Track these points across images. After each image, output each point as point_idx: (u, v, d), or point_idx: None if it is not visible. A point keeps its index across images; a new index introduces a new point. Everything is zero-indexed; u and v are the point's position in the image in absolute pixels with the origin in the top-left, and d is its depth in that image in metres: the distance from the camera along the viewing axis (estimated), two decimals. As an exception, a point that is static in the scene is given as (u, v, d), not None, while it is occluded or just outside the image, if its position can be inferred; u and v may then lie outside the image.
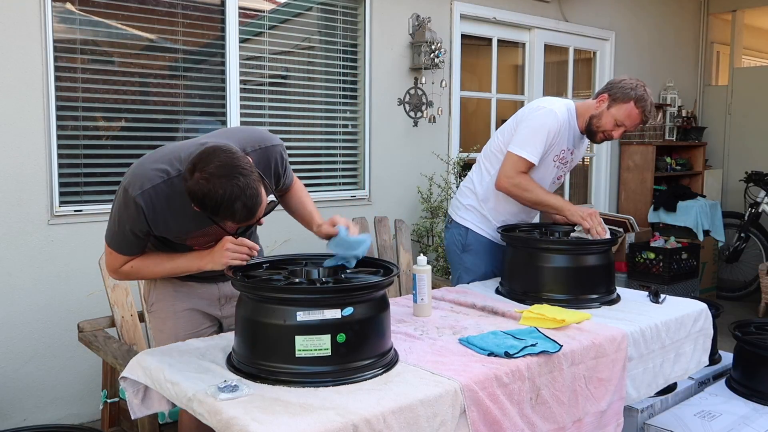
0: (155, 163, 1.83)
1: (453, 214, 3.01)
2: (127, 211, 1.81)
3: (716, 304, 3.78)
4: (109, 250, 1.93)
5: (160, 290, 2.12)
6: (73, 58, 3.20)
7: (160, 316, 2.14)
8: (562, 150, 2.77)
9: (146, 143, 3.45)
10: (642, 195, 5.98)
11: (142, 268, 1.96)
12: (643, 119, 2.67)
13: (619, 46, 5.91)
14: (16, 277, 3.08)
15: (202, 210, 1.71)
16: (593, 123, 2.72)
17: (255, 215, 1.72)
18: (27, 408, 3.15)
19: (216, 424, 1.49)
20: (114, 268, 1.96)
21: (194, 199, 1.69)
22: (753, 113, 6.53)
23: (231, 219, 1.71)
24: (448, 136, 4.66)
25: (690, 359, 2.45)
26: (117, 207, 1.84)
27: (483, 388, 1.72)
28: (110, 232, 1.90)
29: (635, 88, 2.64)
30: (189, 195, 1.70)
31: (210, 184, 1.63)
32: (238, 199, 1.65)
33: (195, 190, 1.66)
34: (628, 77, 2.70)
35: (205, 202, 1.66)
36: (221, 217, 1.71)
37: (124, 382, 1.82)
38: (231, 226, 1.81)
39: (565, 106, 2.76)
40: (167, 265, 1.96)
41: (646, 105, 2.64)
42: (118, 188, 1.84)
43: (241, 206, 1.66)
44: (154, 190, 1.79)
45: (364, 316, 1.69)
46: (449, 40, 4.60)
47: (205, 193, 1.64)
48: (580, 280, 2.48)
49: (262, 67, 3.84)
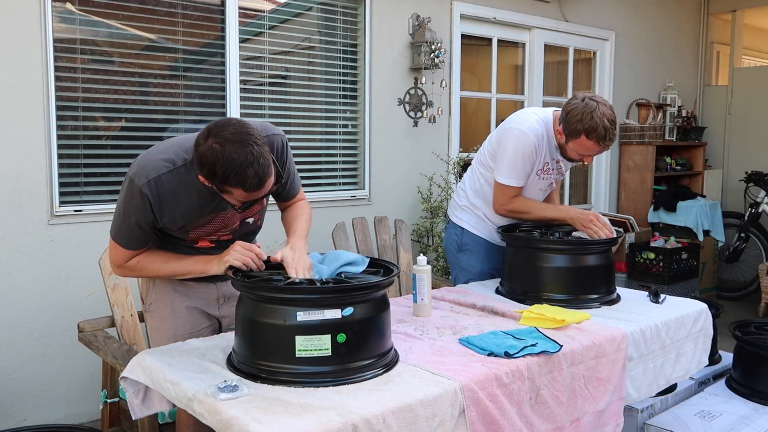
0: (161, 153, 1.84)
1: (450, 214, 3.03)
2: (133, 202, 1.81)
3: (716, 304, 3.78)
4: (114, 244, 1.92)
5: (158, 289, 2.12)
6: (73, 58, 3.20)
7: (159, 315, 2.13)
8: (545, 163, 2.74)
9: (146, 143, 3.44)
10: (642, 195, 5.98)
11: (147, 264, 1.95)
12: (601, 147, 2.51)
13: (619, 46, 5.91)
14: (16, 277, 3.08)
15: (210, 179, 1.70)
16: (562, 152, 2.69)
17: (264, 186, 1.71)
18: (27, 408, 3.15)
19: (216, 424, 1.49)
20: (119, 263, 1.95)
21: (204, 166, 1.67)
22: (753, 113, 6.53)
23: (241, 186, 1.68)
24: (448, 136, 4.66)
25: (691, 359, 2.45)
26: (123, 198, 1.85)
27: (483, 388, 1.72)
28: (116, 225, 1.89)
29: (581, 120, 2.45)
30: (199, 162, 1.69)
31: (224, 149, 1.63)
32: (250, 165, 1.64)
33: (207, 155, 1.65)
34: (579, 99, 2.50)
35: (216, 169, 1.65)
36: (231, 185, 1.68)
37: (125, 382, 1.82)
38: (238, 198, 1.77)
39: (540, 122, 2.66)
40: (174, 264, 1.96)
41: (599, 134, 2.44)
42: (124, 179, 1.85)
43: (252, 173, 1.65)
44: (160, 180, 1.80)
45: (364, 316, 1.69)
46: (449, 40, 4.60)
47: (217, 158, 1.64)
48: (580, 280, 2.48)
49: (262, 67, 3.84)
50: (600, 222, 2.59)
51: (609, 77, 5.86)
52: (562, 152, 2.70)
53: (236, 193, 1.73)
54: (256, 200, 1.85)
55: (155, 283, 2.13)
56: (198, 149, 1.69)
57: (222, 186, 1.71)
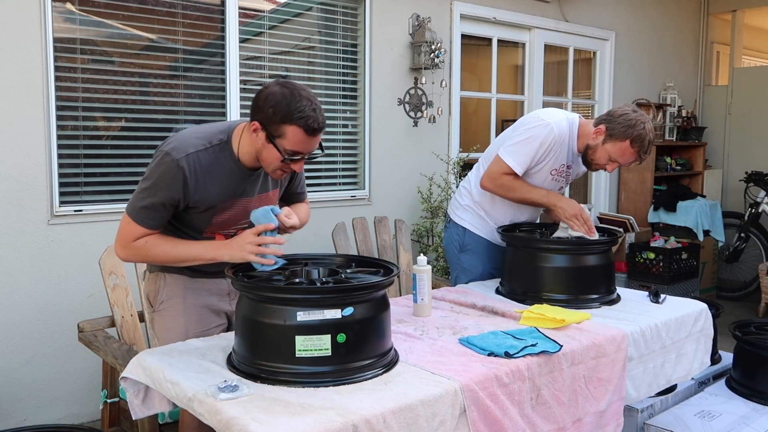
0: (196, 133, 1.92)
1: (451, 213, 3.01)
2: (165, 176, 1.83)
3: (716, 304, 3.78)
4: (128, 220, 1.89)
5: (170, 287, 2.10)
6: (73, 58, 3.20)
7: (171, 314, 2.11)
8: (562, 164, 2.73)
9: (146, 143, 3.45)
10: (642, 195, 5.98)
11: (155, 246, 1.91)
12: (638, 158, 2.57)
13: (619, 46, 5.91)
14: (16, 277, 3.08)
15: (272, 118, 1.77)
16: (588, 154, 2.66)
17: (319, 134, 1.82)
18: (27, 408, 3.15)
19: (216, 424, 1.49)
20: (127, 241, 1.91)
21: (269, 103, 1.76)
22: (753, 113, 6.53)
23: (303, 125, 1.77)
24: (448, 136, 4.66)
25: (692, 360, 2.45)
26: (153, 172, 1.86)
27: (483, 388, 1.72)
28: (136, 200, 1.88)
29: (634, 126, 2.50)
30: (265, 98, 1.77)
31: (295, 90, 1.78)
32: (316, 108, 1.78)
33: (275, 91, 1.77)
34: (631, 109, 2.56)
35: (281, 106, 1.75)
36: (294, 121, 1.76)
37: (125, 382, 1.82)
38: (292, 143, 1.80)
39: (567, 121, 2.69)
40: (182, 248, 1.92)
41: (643, 145, 2.52)
42: (156, 154, 1.87)
43: (315, 115, 1.78)
44: (197, 156, 1.86)
45: (364, 316, 1.69)
46: (449, 40, 4.60)
47: (286, 94, 1.76)
48: (580, 280, 2.48)
49: (262, 67, 3.84)
50: (583, 217, 2.58)
51: (609, 77, 5.86)
52: (586, 155, 2.67)
53: (293, 136, 1.79)
54: (297, 159, 1.86)
55: (166, 281, 2.10)
56: (263, 91, 1.80)
57: (282, 125, 1.78)
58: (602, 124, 2.58)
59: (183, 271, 2.08)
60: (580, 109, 5.93)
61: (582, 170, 2.88)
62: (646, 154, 2.56)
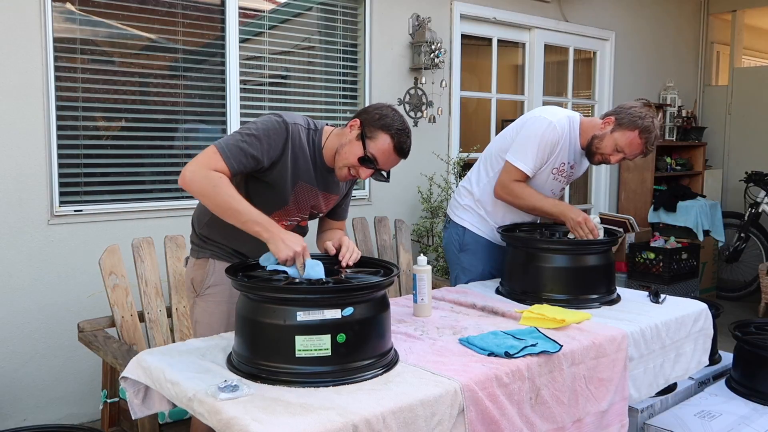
0: (299, 115, 2.11)
1: (451, 213, 3.01)
2: (272, 130, 1.99)
3: (716, 304, 3.78)
4: (214, 150, 1.92)
5: (219, 274, 2.10)
6: (73, 57, 3.20)
7: (216, 299, 2.15)
8: (562, 163, 2.75)
9: (146, 143, 3.45)
10: (642, 195, 5.98)
11: (227, 185, 1.89)
12: (644, 150, 2.63)
13: (619, 46, 5.91)
14: (16, 277, 3.08)
15: (378, 117, 1.97)
16: (594, 143, 2.68)
17: (398, 157, 2.02)
18: (27, 408, 3.15)
19: (216, 424, 1.49)
20: (206, 166, 1.90)
21: (380, 110, 2.00)
22: (753, 113, 6.53)
23: (395, 137, 1.97)
24: (448, 136, 4.66)
25: (690, 359, 2.45)
26: (260, 126, 1.99)
27: (483, 388, 1.72)
28: (232, 139, 1.96)
29: (643, 118, 2.58)
30: (376, 107, 2.01)
31: (402, 117, 2.02)
32: (409, 138, 2.01)
33: (387, 108, 2.01)
34: (639, 104, 2.64)
35: (388, 116, 1.98)
36: (390, 132, 1.96)
37: (125, 382, 1.82)
38: (378, 148, 1.97)
39: (567, 119, 2.72)
40: (245, 204, 1.90)
41: (650, 137, 2.59)
42: (266, 118, 2.03)
43: (408, 140, 2.00)
44: (299, 129, 2.05)
45: (364, 316, 1.69)
46: (449, 40, 4.60)
47: (395, 115, 2.00)
48: (580, 280, 2.48)
49: (262, 67, 3.84)
50: (588, 227, 2.60)
51: (609, 77, 5.86)
52: (591, 146, 2.69)
53: (382, 144, 1.97)
54: (370, 166, 2.00)
55: (216, 268, 2.14)
56: (376, 104, 2.05)
57: (379, 130, 1.96)
58: (611, 116, 2.66)
59: (233, 260, 2.11)
60: (580, 109, 5.93)
61: (582, 171, 2.89)
62: (652, 146, 2.62)
